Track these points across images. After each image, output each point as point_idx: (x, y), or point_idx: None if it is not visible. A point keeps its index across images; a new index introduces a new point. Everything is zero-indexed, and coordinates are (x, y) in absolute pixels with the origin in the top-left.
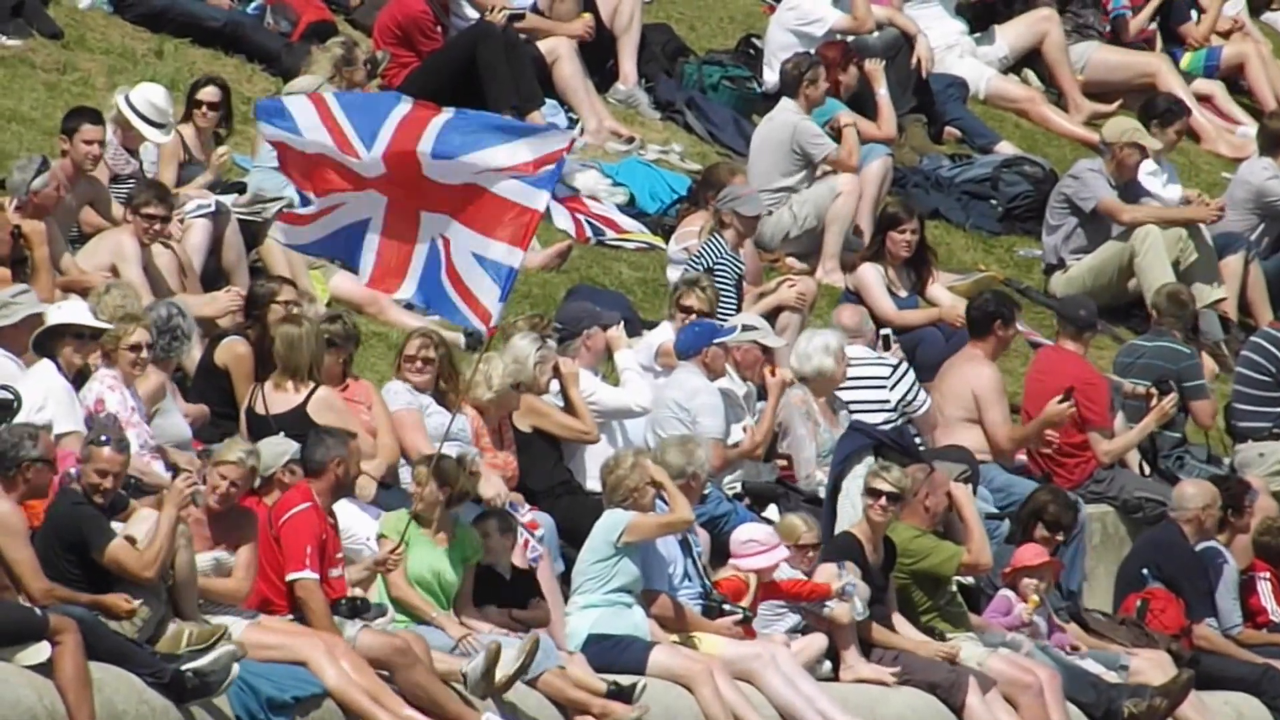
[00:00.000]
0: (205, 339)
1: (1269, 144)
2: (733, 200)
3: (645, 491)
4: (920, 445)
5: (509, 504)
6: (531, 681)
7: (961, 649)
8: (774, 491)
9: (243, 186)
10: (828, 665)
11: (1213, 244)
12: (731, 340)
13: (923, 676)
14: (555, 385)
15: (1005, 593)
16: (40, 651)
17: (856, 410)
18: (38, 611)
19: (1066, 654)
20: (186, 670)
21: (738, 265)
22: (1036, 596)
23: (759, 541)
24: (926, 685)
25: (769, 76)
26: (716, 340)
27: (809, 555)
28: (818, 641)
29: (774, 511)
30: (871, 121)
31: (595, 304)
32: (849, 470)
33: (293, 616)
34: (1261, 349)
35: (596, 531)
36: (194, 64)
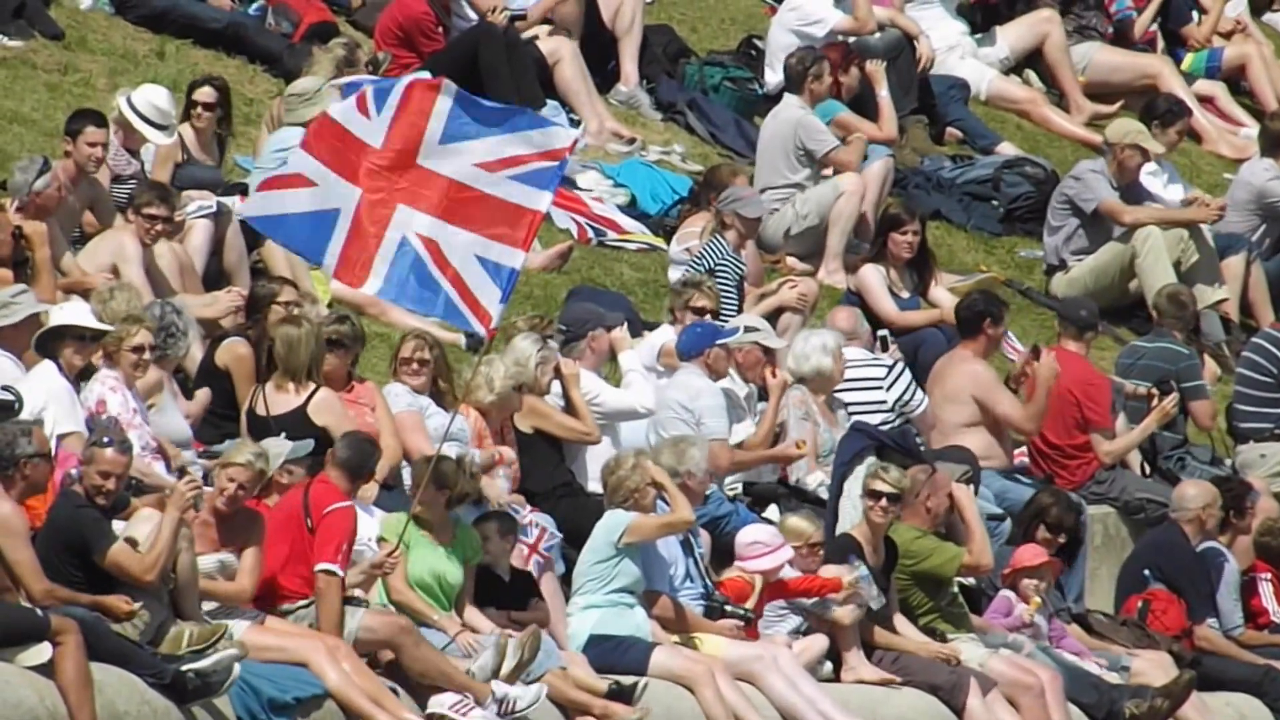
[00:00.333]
0: (206, 340)
1: (1270, 145)
2: (735, 202)
3: (646, 492)
4: (921, 446)
5: (510, 506)
6: (531, 681)
7: (962, 650)
8: (775, 492)
9: (245, 188)
10: (829, 666)
11: (1214, 245)
12: (733, 342)
13: (924, 678)
14: (556, 386)
15: (1006, 594)
16: (41, 652)
17: (853, 411)
18: (39, 612)
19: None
20: (188, 671)
21: (739, 266)
22: (1038, 597)
23: (764, 543)
24: (928, 686)
25: (770, 78)
26: (719, 341)
27: (815, 553)
28: (819, 643)
29: (774, 512)
30: (873, 122)
31: (596, 305)
32: (851, 471)
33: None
34: (1263, 350)
35: (597, 532)
36: (195, 65)
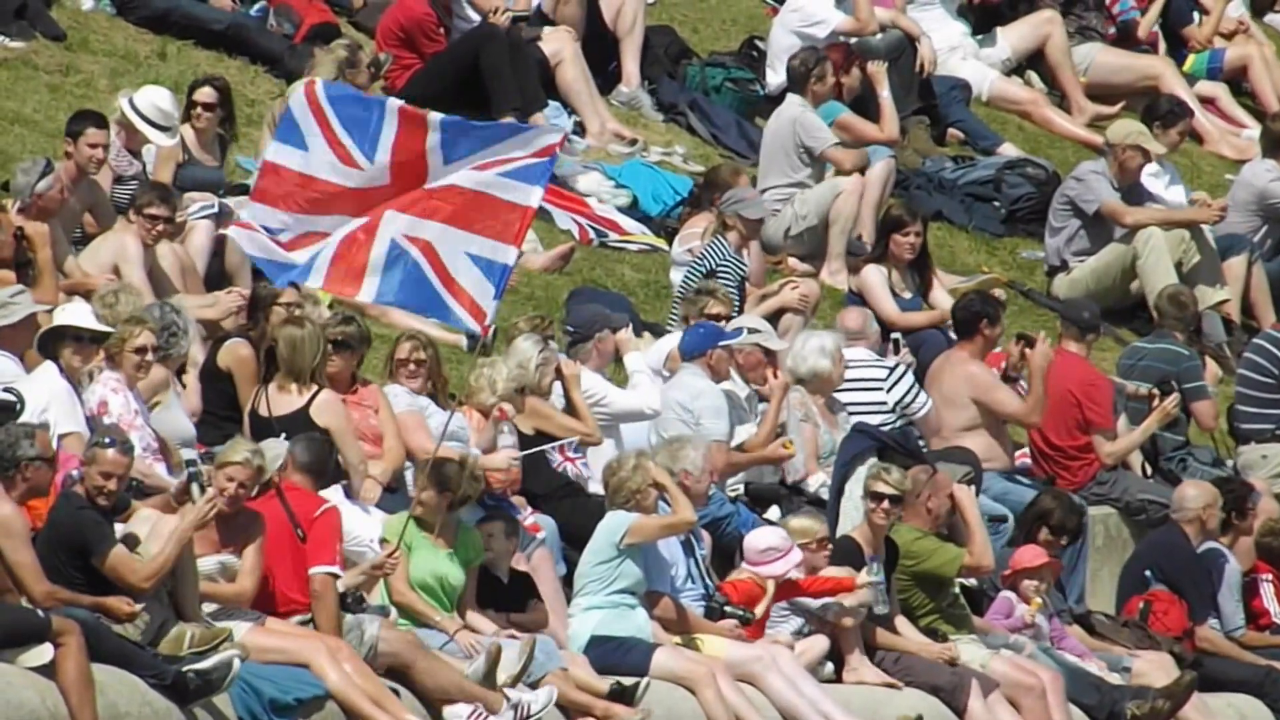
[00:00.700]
0: (208, 341)
1: (1272, 146)
2: (737, 203)
3: (648, 493)
4: (923, 447)
5: (509, 505)
6: (534, 683)
7: (964, 651)
8: (776, 493)
9: (247, 189)
10: (830, 667)
11: (1215, 246)
12: (735, 343)
13: (925, 679)
14: (558, 386)
15: (1007, 594)
16: (43, 653)
17: (855, 411)
18: (40, 613)
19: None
20: (189, 672)
21: (741, 267)
22: (1039, 598)
23: (777, 549)
24: (929, 688)
25: (772, 78)
26: (721, 343)
27: (824, 546)
28: (820, 644)
29: (774, 513)
30: (874, 124)
31: (601, 306)
32: (853, 472)
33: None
34: (1264, 351)
35: (599, 533)
36: (197, 66)
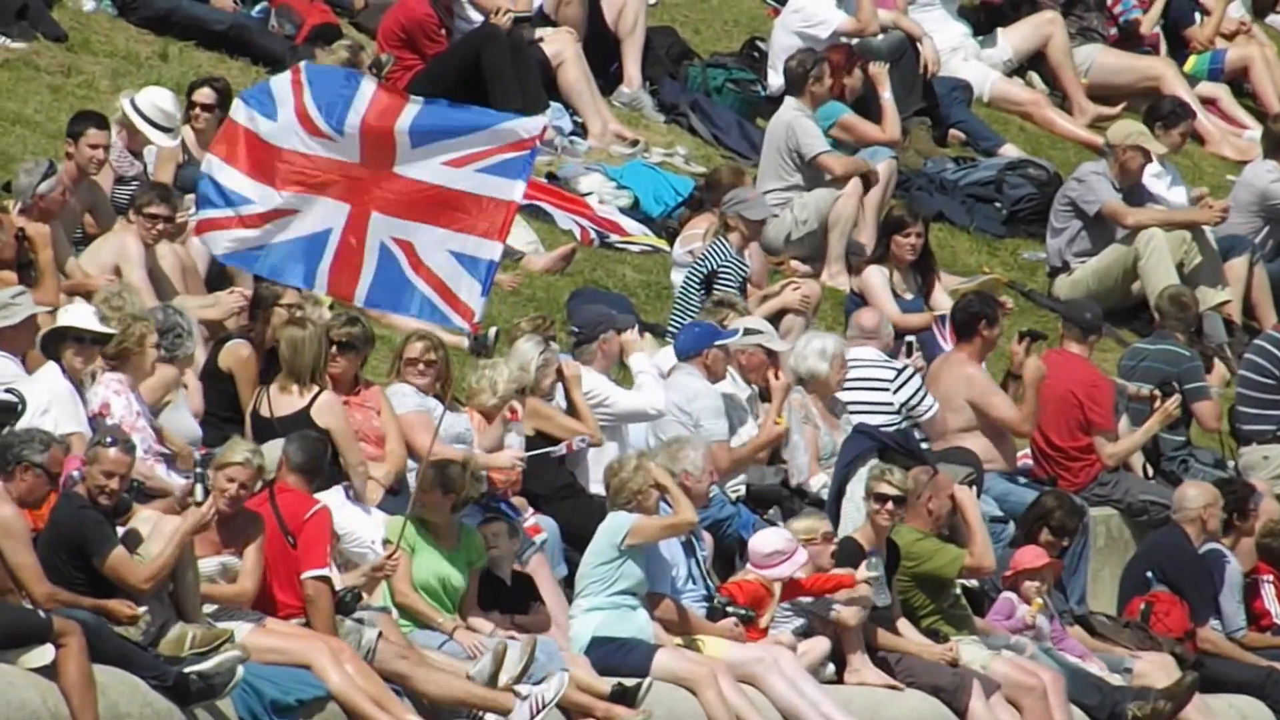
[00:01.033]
0: (209, 342)
1: (1273, 147)
2: (739, 204)
3: (649, 494)
4: (926, 449)
5: (510, 506)
6: (535, 684)
7: (965, 652)
8: (778, 494)
9: None
10: (831, 668)
11: (1217, 247)
12: (735, 344)
13: (926, 680)
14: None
15: (1008, 595)
16: (44, 654)
17: (860, 411)
18: (41, 614)
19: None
20: (190, 673)
21: (742, 268)
22: (1040, 599)
23: (783, 551)
24: (930, 688)
25: (773, 79)
26: (718, 342)
27: (829, 541)
28: (822, 645)
29: (775, 514)
30: (875, 124)
31: (605, 307)
32: (854, 473)
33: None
34: (1265, 352)
35: (600, 534)
36: (199, 67)
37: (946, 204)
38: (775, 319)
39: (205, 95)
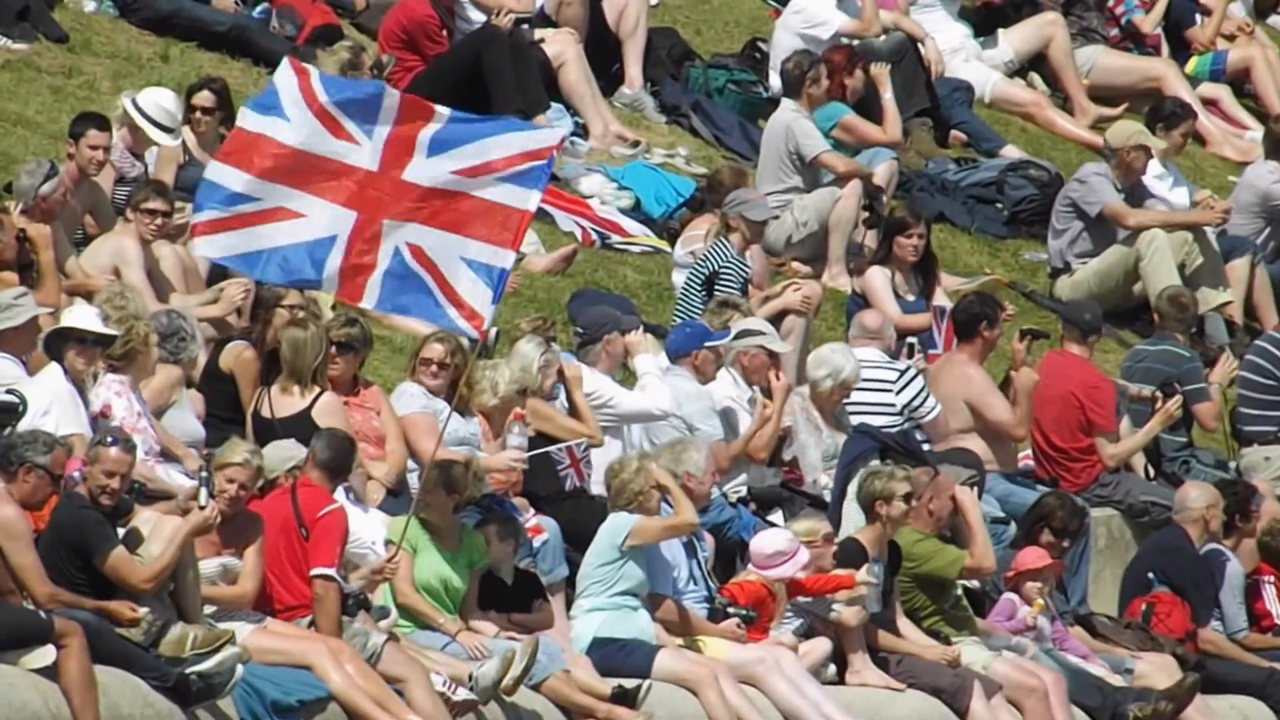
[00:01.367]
0: (210, 344)
1: (1275, 148)
2: (740, 205)
3: (650, 495)
4: (927, 450)
5: (511, 507)
6: (536, 686)
7: (966, 653)
8: (779, 495)
9: None
10: (832, 669)
11: (1218, 248)
12: (728, 344)
13: (927, 681)
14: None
15: (1009, 596)
16: (45, 655)
17: (861, 412)
18: (43, 615)
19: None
20: (191, 674)
21: (743, 269)
22: (1041, 600)
23: (784, 552)
24: (931, 689)
25: (775, 80)
26: (708, 344)
27: (830, 542)
28: (823, 646)
29: (777, 515)
30: (877, 125)
31: (609, 308)
32: (855, 474)
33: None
34: (1266, 353)
35: (601, 535)
36: (200, 68)
37: (948, 205)
38: (776, 320)
39: (205, 99)
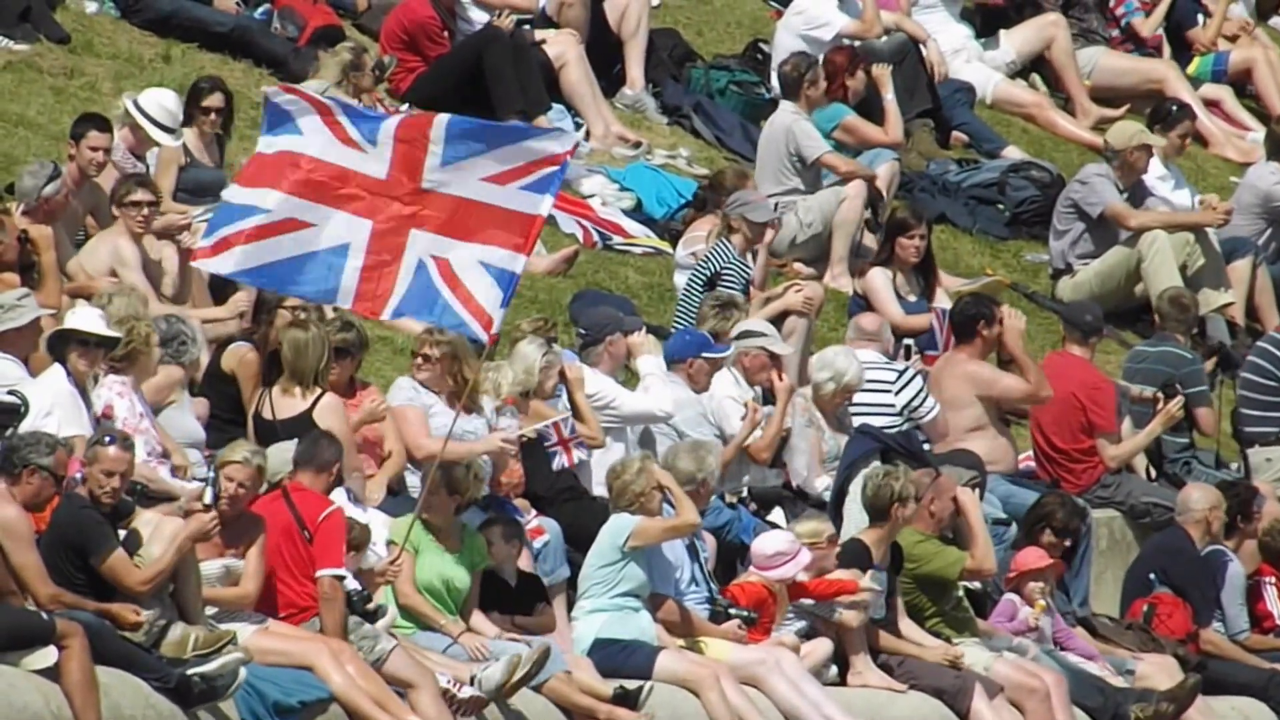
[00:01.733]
0: (212, 345)
1: (1276, 149)
2: (742, 206)
3: (651, 496)
4: (928, 450)
5: (512, 508)
6: (537, 687)
7: (967, 654)
8: (779, 496)
9: None
10: (834, 670)
11: (1220, 249)
12: (738, 345)
13: (929, 682)
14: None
15: (1010, 597)
16: (47, 656)
17: (861, 413)
18: (44, 616)
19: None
20: (193, 675)
21: (745, 270)
22: (1042, 601)
23: (785, 553)
24: (933, 690)
25: (776, 82)
26: (705, 355)
27: (833, 544)
28: (824, 646)
29: (778, 515)
30: (878, 126)
31: (611, 309)
32: (856, 474)
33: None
34: (1267, 354)
35: (603, 536)
36: (201, 69)
37: (949, 206)
38: (778, 321)
39: (217, 100)
